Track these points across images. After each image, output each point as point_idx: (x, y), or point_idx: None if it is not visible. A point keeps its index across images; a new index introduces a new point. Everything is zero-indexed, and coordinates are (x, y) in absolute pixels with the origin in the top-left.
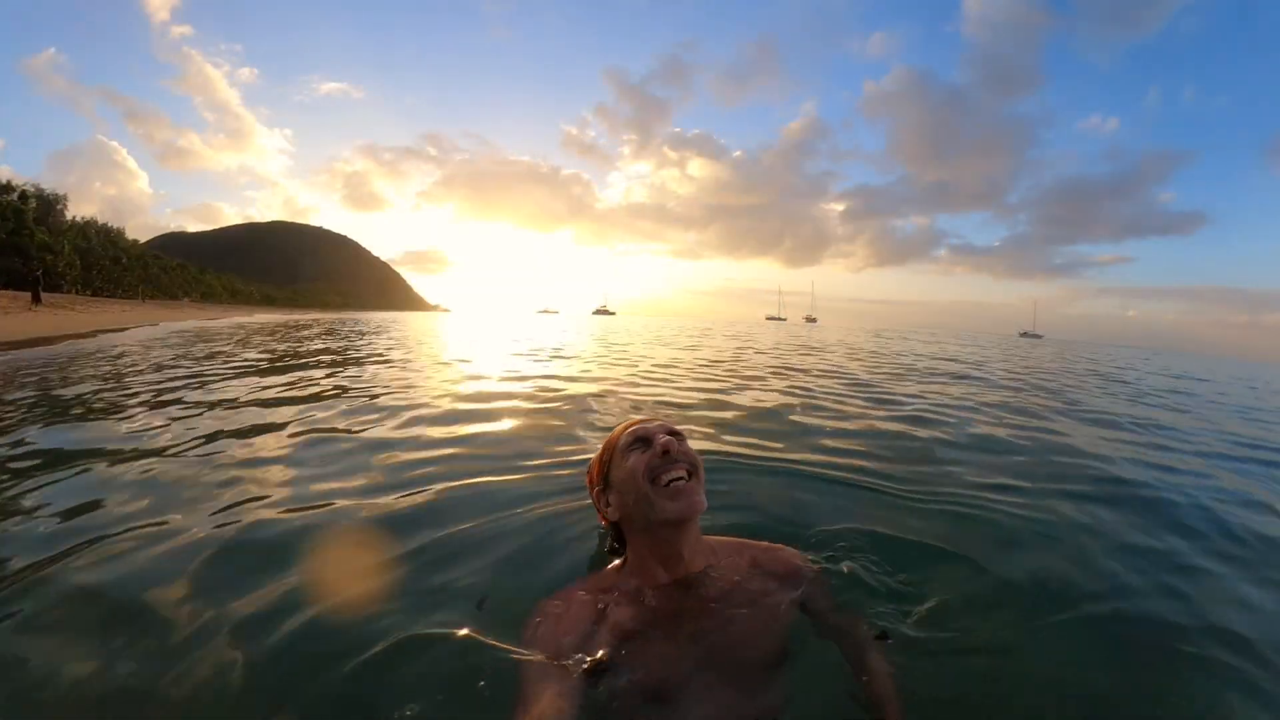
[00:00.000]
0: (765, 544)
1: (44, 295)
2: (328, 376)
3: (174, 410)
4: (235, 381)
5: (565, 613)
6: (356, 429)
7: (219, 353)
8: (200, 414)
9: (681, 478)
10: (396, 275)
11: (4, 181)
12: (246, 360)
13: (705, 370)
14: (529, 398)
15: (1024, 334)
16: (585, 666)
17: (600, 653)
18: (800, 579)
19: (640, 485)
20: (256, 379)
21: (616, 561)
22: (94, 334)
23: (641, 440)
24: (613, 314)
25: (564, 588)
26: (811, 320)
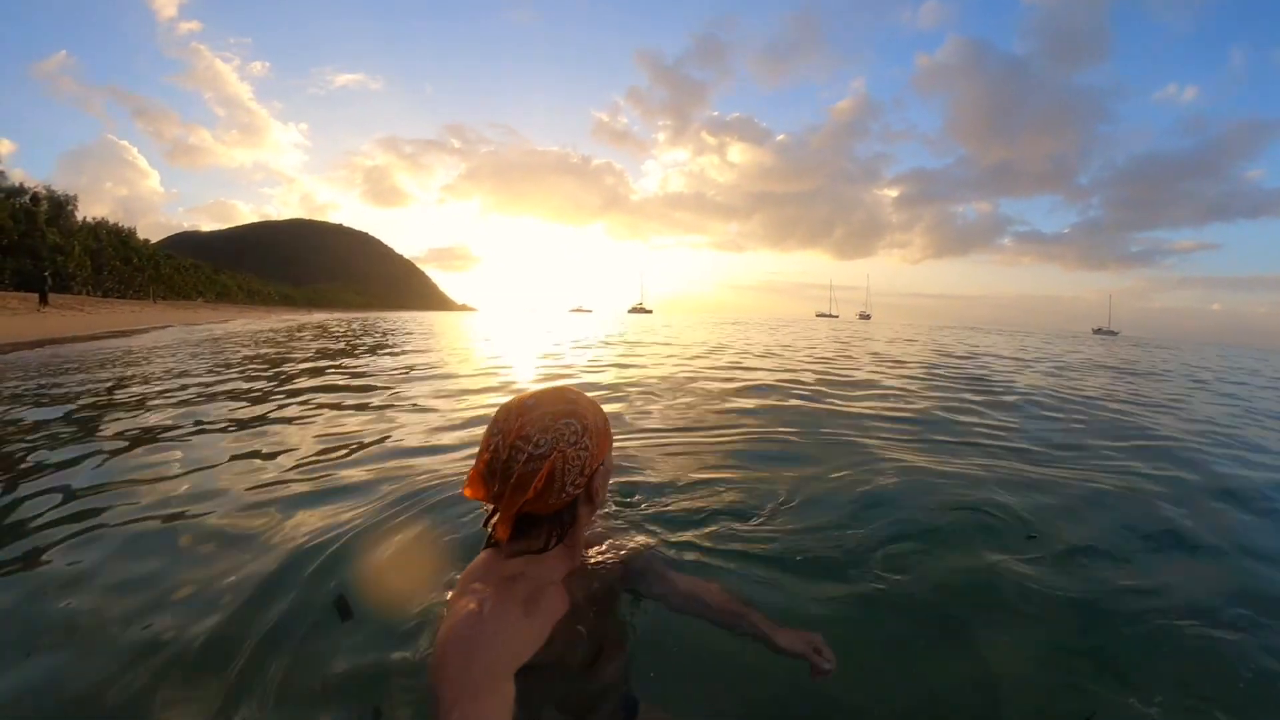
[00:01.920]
0: None
1: (53, 297)
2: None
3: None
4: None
5: (493, 612)
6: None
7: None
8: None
9: None
10: (420, 273)
11: (16, 184)
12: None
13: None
14: None
15: (1097, 330)
16: (524, 662)
17: (541, 645)
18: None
19: (611, 471)
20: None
21: (491, 550)
22: (96, 337)
23: None
24: (649, 312)
25: (471, 586)
26: (866, 317)
